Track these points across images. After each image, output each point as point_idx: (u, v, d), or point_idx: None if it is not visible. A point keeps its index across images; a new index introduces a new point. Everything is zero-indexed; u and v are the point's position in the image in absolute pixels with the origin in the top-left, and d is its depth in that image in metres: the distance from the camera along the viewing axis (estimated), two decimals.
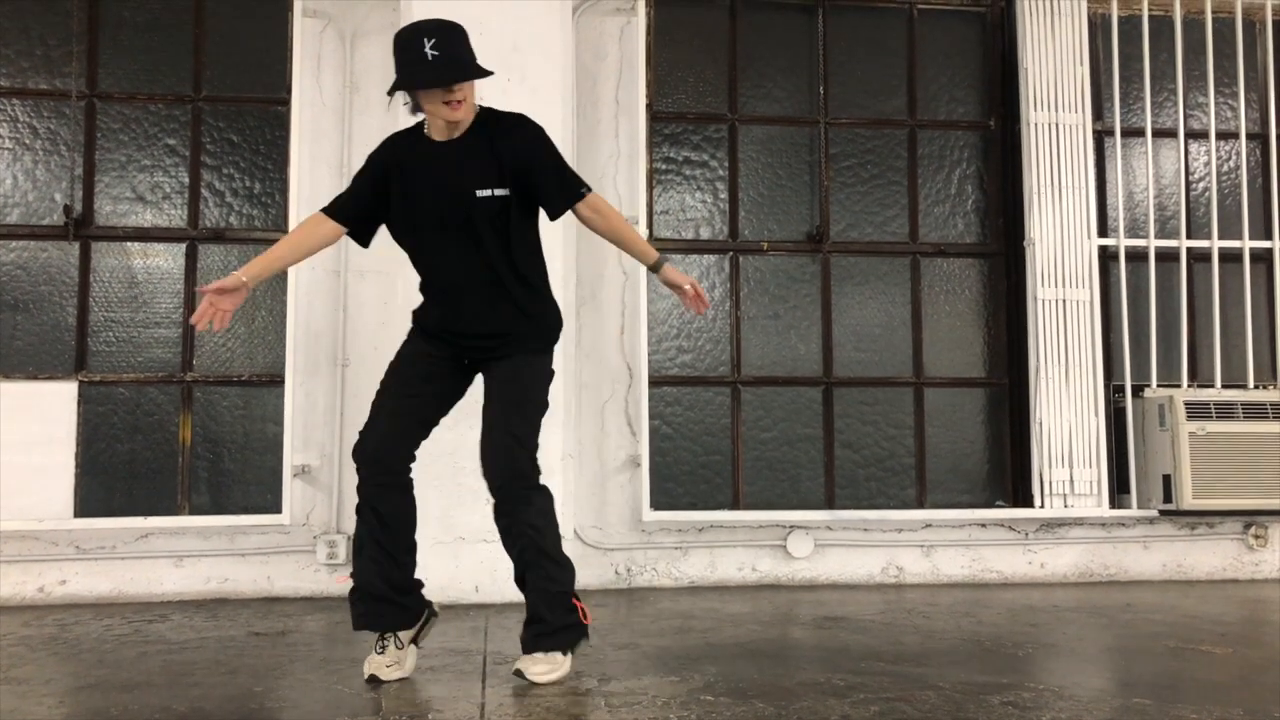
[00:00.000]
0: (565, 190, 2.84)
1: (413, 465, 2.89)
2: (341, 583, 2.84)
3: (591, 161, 4.93)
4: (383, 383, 2.90)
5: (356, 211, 2.90)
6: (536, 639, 2.79)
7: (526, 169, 2.79)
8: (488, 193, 2.76)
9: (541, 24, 4.66)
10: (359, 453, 2.84)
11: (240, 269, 2.76)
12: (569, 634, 2.82)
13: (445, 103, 2.70)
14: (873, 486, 5.10)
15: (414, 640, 2.91)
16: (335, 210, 2.91)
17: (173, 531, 4.57)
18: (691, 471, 5.01)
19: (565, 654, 2.80)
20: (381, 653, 2.81)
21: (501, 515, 2.82)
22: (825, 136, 5.21)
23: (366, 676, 2.78)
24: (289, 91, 4.80)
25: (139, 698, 2.67)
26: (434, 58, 2.67)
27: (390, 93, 2.75)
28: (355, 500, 2.85)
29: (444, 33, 2.71)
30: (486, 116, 2.84)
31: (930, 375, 5.19)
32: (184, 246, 4.79)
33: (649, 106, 5.04)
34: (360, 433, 2.86)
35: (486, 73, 2.73)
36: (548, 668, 2.76)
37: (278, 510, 4.56)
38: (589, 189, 2.86)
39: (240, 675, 2.94)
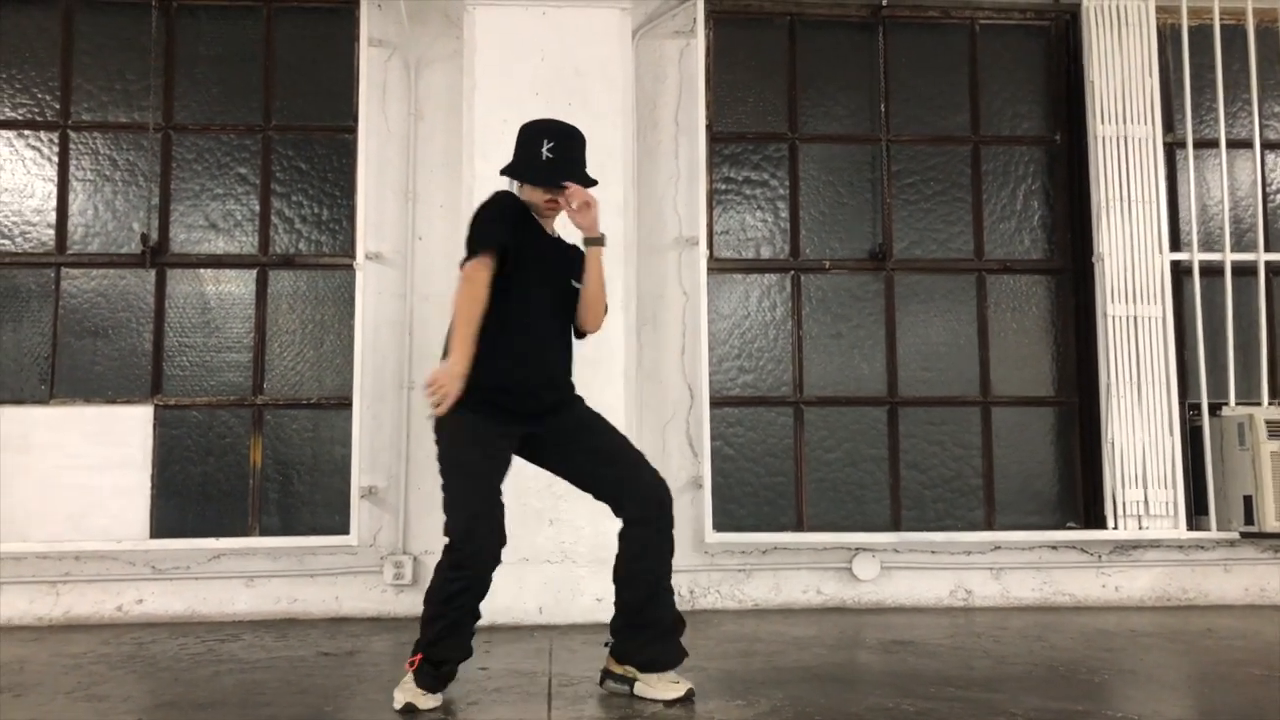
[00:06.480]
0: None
1: None
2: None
3: (651, 183, 4.95)
4: (465, 466, 2.80)
5: (506, 241, 2.86)
6: (679, 654, 2.91)
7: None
8: (578, 286, 2.98)
9: (602, 49, 4.71)
10: (479, 551, 2.72)
11: (448, 364, 2.72)
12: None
13: (545, 201, 2.90)
14: (940, 508, 5.02)
15: None
16: (493, 246, 2.83)
17: (244, 552, 4.67)
18: (754, 493, 4.97)
19: None
20: (420, 685, 2.76)
21: (656, 533, 2.89)
22: (887, 154, 5.17)
23: (401, 706, 2.72)
24: (356, 120, 4.90)
25: (214, 716, 2.73)
26: (548, 159, 2.89)
27: (502, 174, 2.95)
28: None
29: (564, 137, 2.93)
30: None
31: (998, 394, 5.10)
32: (254, 272, 4.91)
33: (709, 127, 5.05)
34: (467, 527, 2.72)
35: (592, 181, 2.92)
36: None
37: (346, 531, 4.63)
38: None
39: (310, 695, 2.98)
